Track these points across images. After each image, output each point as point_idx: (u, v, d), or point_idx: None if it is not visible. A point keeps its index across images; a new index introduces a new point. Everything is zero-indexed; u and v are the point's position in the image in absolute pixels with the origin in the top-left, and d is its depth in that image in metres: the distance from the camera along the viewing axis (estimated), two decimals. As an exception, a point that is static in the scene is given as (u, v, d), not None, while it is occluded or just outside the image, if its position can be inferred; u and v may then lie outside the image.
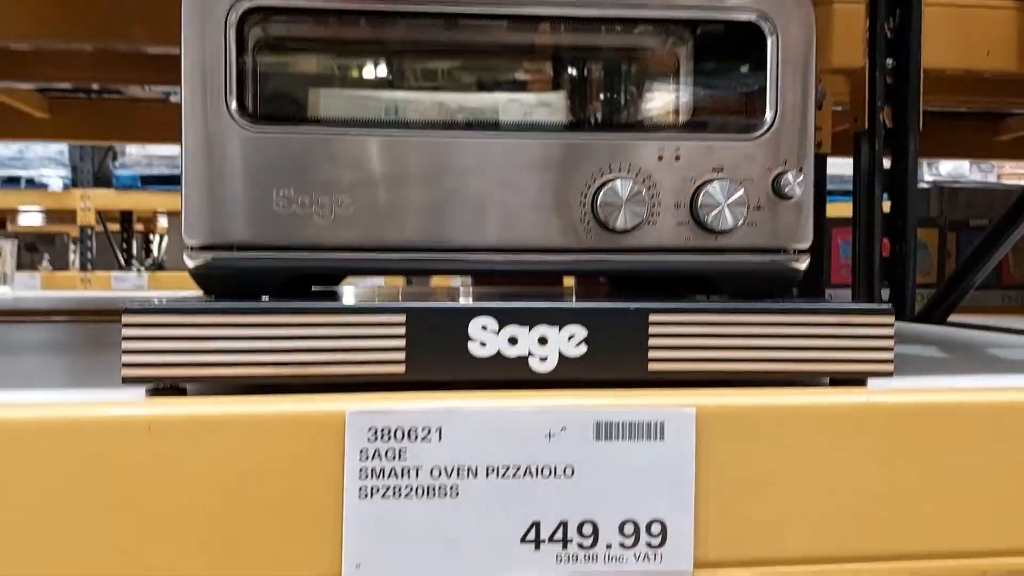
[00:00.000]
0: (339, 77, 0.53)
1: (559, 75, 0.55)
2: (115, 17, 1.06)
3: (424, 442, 0.42)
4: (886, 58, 1.19)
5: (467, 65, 0.54)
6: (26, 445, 0.40)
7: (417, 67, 0.53)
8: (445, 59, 0.54)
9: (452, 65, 0.54)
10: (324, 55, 0.53)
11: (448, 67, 0.54)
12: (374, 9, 0.51)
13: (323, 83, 0.53)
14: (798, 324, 0.48)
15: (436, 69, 0.54)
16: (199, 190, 0.50)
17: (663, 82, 0.55)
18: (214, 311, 0.44)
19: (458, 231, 0.51)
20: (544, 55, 0.55)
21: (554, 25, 0.54)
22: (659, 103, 0.55)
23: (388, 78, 0.53)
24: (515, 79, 0.54)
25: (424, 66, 0.53)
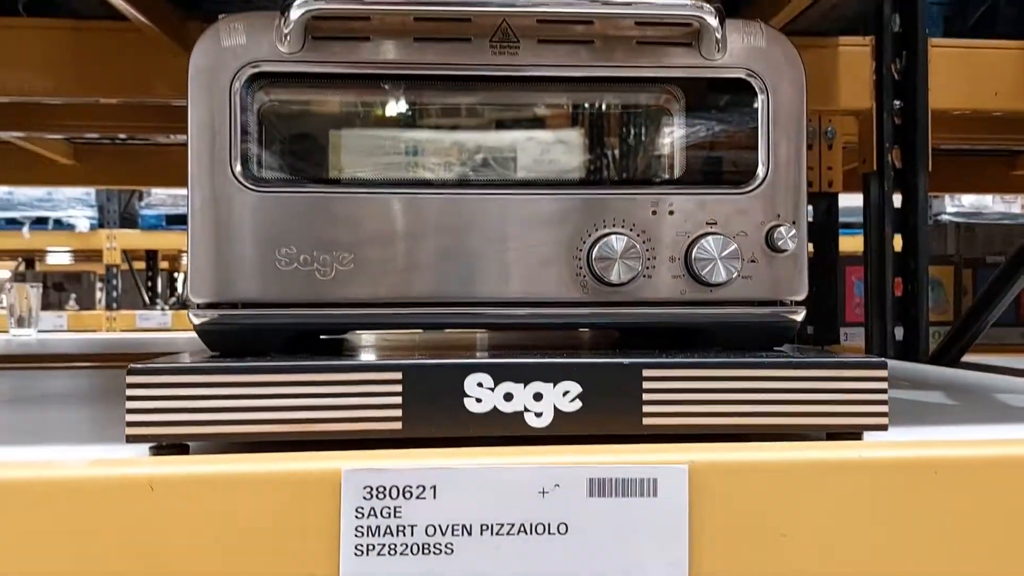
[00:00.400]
0: (339, 139, 0.54)
1: (554, 133, 0.56)
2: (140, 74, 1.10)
3: (419, 500, 0.43)
4: (893, 99, 1.20)
5: (464, 125, 0.55)
6: (30, 503, 0.41)
7: (414, 129, 0.55)
8: (443, 120, 0.55)
9: (450, 126, 0.55)
10: (325, 118, 0.55)
11: (446, 128, 0.55)
12: (373, 73, 0.53)
13: (323, 145, 0.55)
14: (792, 378, 0.48)
15: (433, 131, 0.55)
16: (204, 249, 0.51)
17: (657, 138, 0.56)
18: (216, 370, 0.46)
19: (456, 286, 0.52)
20: (540, 113, 0.56)
21: (550, 84, 0.55)
22: (653, 159, 0.57)
23: (387, 140, 0.55)
24: (511, 138, 0.56)
25: (421, 128, 0.55)
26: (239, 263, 0.51)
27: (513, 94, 0.55)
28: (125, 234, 4.10)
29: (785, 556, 0.44)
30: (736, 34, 0.54)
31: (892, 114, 1.19)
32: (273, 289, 0.52)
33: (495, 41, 0.53)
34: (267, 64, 0.52)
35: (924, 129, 1.18)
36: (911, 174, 1.19)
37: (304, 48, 0.52)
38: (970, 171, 2.08)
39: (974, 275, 1.60)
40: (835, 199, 1.43)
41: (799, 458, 0.45)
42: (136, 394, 0.45)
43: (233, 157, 0.51)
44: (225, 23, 0.52)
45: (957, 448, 0.46)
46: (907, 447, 0.46)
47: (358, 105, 0.55)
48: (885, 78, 1.19)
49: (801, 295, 0.55)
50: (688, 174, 0.55)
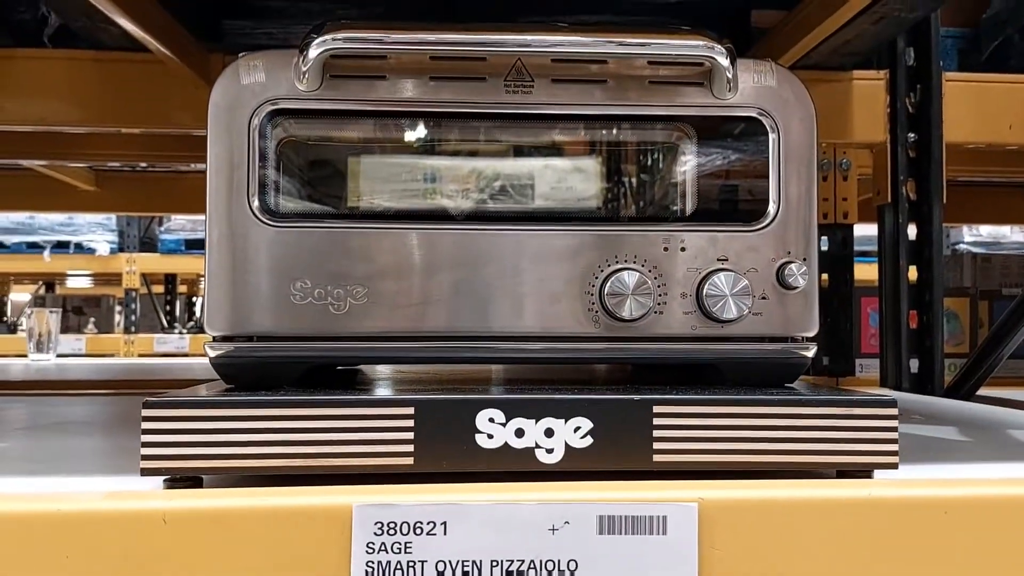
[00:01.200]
0: (355, 175, 0.55)
1: (568, 170, 0.57)
2: (162, 105, 1.12)
3: (429, 536, 0.43)
4: (908, 132, 1.21)
5: (478, 163, 0.56)
6: (45, 536, 0.41)
7: (429, 165, 0.56)
8: (458, 158, 0.56)
9: (464, 163, 0.56)
10: (341, 155, 0.56)
11: (460, 165, 0.56)
12: (389, 111, 0.54)
13: (339, 181, 0.55)
14: (802, 416, 0.48)
15: (448, 167, 0.56)
16: (221, 282, 0.52)
17: (669, 175, 0.57)
18: (229, 404, 0.46)
19: (469, 320, 0.53)
20: (553, 151, 0.57)
21: (563, 122, 0.56)
22: (665, 196, 0.57)
23: (402, 176, 0.56)
24: (525, 175, 0.56)
25: (435, 164, 0.56)
26: (255, 296, 0.52)
27: (527, 132, 0.56)
28: (144, 258, 4.14)
29: (795, 596, 0.44)
30: (747, 73, 0.55)
31: (906, 147, 1.20)
32: (288, 322, 0.52)
33: (510, 80, 0.54)
34: (285, 102, 0.53)
35: (938, 162, 1.18)
36: (926, 206, 1.19)
37: (322, 86, 0.53)
38: (987, 202, 2.08)
39: (990, 307, 1.59)
40: (850, 230, 1.43)
41: (809, 496, 0.45)
42: (151, 427, 0.45)
43: (251, 192, 0.52)
44: (245, 61, 0.53)
45: (967, 487, 0.46)
46: (917, 486, 0.46)
47: (374, 142, 0.56)
48: (899, 111, 1.19)
49: (812, 331, 0.55)
50: (700, 211, 0.56)
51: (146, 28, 0.91)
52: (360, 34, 0.51)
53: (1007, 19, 1.34)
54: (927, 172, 1.18)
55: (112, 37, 1.04)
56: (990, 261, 1.84)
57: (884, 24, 1.02)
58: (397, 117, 0.55)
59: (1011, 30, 1.33)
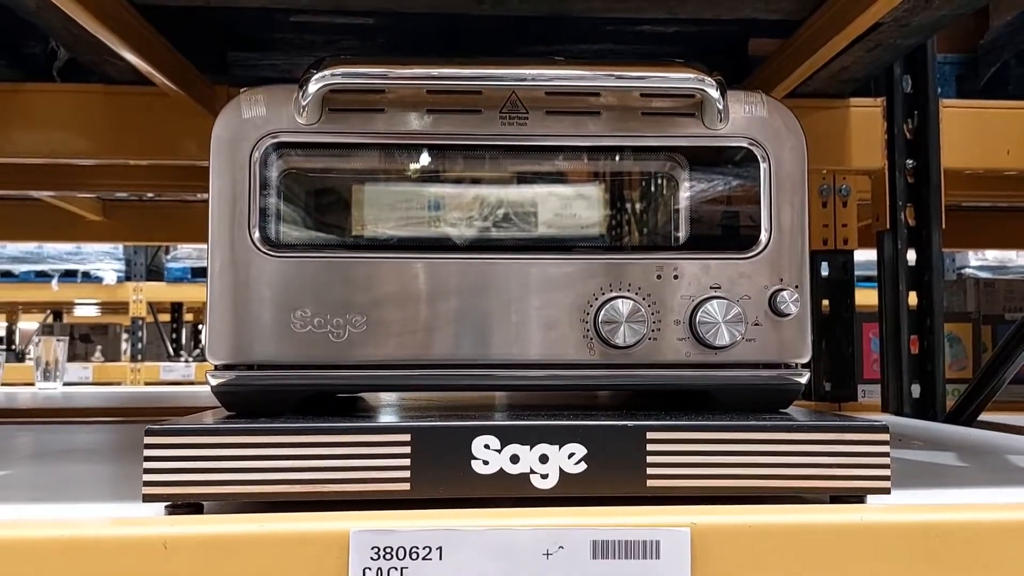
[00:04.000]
0: (354, 206, 0.57)
1: (562, 200, 0.58)
2: (169, 136, 1.15)
3: (425, 560, 0.44)
4: (906, 159, 1.22)
5: (474, 193, 0.57)
6: (47, 562, 0.42)
7: (426, 196, 0.57)
8: (454, 189, 0.57)
9: (461, 194, 0.57)
10: (340, 186, 0.57)
11: (456, 195, 0.57)
12: (387, 143, 0.55)
13: (339, 211, 0.57)
14: (795, 442, 0.49)
15: (444, 198, 0.57)
16: (222, 312, 0.53)
17: (662, 204, 0.58)
18: (230, 431, 0.47)
19: (465, 348, 0.54)
20: (548, 182, 0.58)
21: (558, 153, 0.57)
22: (658, 224, 0.58)
23: (400, 207, 0.57)
24: (520, 205, 0.58)
25: (433, 194, 0.57)
26: (256, 325, 0.53)
27: (522, 163, 0.57)
28: (151, 287, 4.17)
29: (788, 621, 0.44)
30: (738, 104, 0.56)
31: (904, 173, 1.21)
32: (288, 351, 0.53)
33: (505, 112, 0.55)
34: (286, 135, 0.54)
35: (937, 188, 1.19)
36: (925, 231, 1.20)
37: (322, 119, 0.54)
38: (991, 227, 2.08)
39: (993, 331, 1.59)
40: (850, 256, 1.43)
41: (801, 521, 0.46)
42: (153, 454, 0.46)
43: (252, 223, 0.53)
44: (246, 95, 0.55)
45: (960, 512, 0.46)
46: (909, 511, 0.46)
47: (373, 174, 0.57)
48: (897, 138, 1.20)
49: (805, 358, 0.56)
50: (693, 239, 0.57)
51: (152, 62, 0.93)
52: (358, 69, 0.52)
53: (1004, 45, 1.35)
54: (926, 198, 1.19)
55: (119, 71, 1.06)
56: (994, 286, 1.84)
57: (880, 51, 1.04)
58: (395, 149, 0.56)
59: (1008, 56, 1.35)
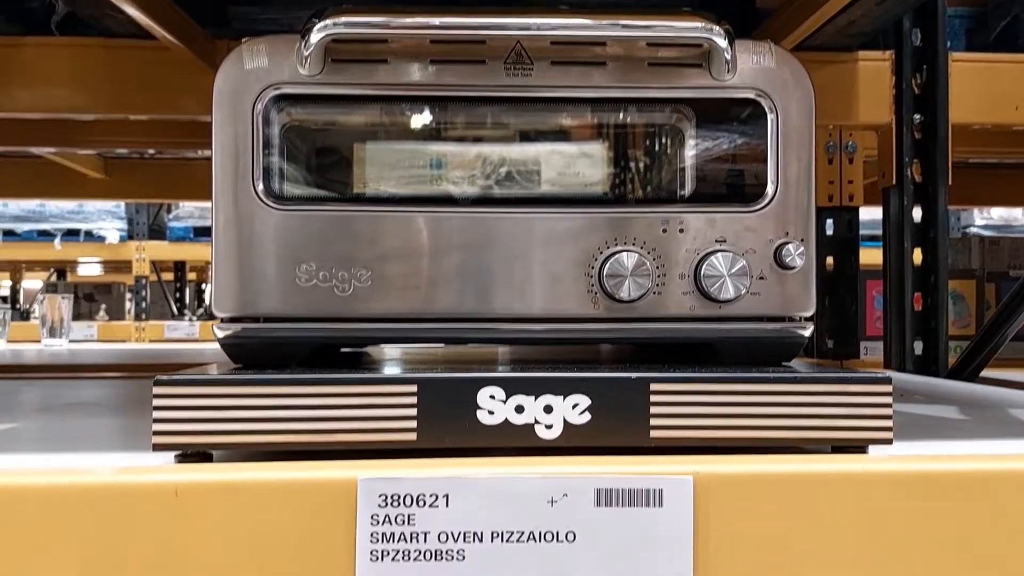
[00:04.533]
0: (358, 158, 0.56)
1: (567, 153, 0.57)
2: (169, 91, 1.14)
3: (432, 508, 0.44)
4: (913, 114, 1.21)
5: (479, 146, 0.57)
6: (59, 509, 0.43)
7: (431, 148, 0.57)
8: (459, 140, 0.57)
9: (465, 146, 0.57)
10: (344, 138, 0.56)
11: (461, 147, 0.57)
12: (391, 95, 0.55)
13: (343, 164, 0.56)
14: (797, 393, 0.49)
15: (449, 150, 0.57)
16: (228, 265, 0.53)
17: (668, 157, 0.58)
18: (238, 382, 0.47)
19: (470, 302, 0.54)
20: (553, 134, 0.58)
21: (563, 105, 0.56)
22: (663, 177, 0.58)
23: (404, 158, 0.57)
24: (525, 157, 0.57)
25: (437, 147, 0.57)
26: (261, 279, 0.53)
27: (527, 115, 0.57)
28: (154, 246, 4.17)
29: (788, 566, 0.45)
30: (745, 54, 0.56)
31: (912, 128, 1.20)
32: (294, 304, 0.53)
33: (509, 63, 0.55)
34: (288, 86, 0.54)
35: (944, 143, 1.18)
36: (931, 188, 1.19)
37: (324, 70, 0.54)
38: (997, 184, 2.07)
39: (997, 289, 1.59)
40: (855, 213, 1.43)
41: (803, 470, 0.46)
42: (162, 404, 0.47)
43: (255, 177, 0.53)
44: (248, 46, 0.54)
45: (960, 462, 0.46)
46: (910, 461, 0.47)
47: (376, 125, 0.56)
48: (905, 92, 1.19)
49: (809, 311, 0.56)
50: (698, 192, 0.56)
51: (152, 15, 0.92)
52: (360, 19, 0.52)
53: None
54: (932, 153, 1.18)
55: (119, 24, 1.05)
56: (999, 243, 1.84)
57: (889, 4, 1.02)
58: (398, 101, 0.55)
59: (1019, 9, 1.33)
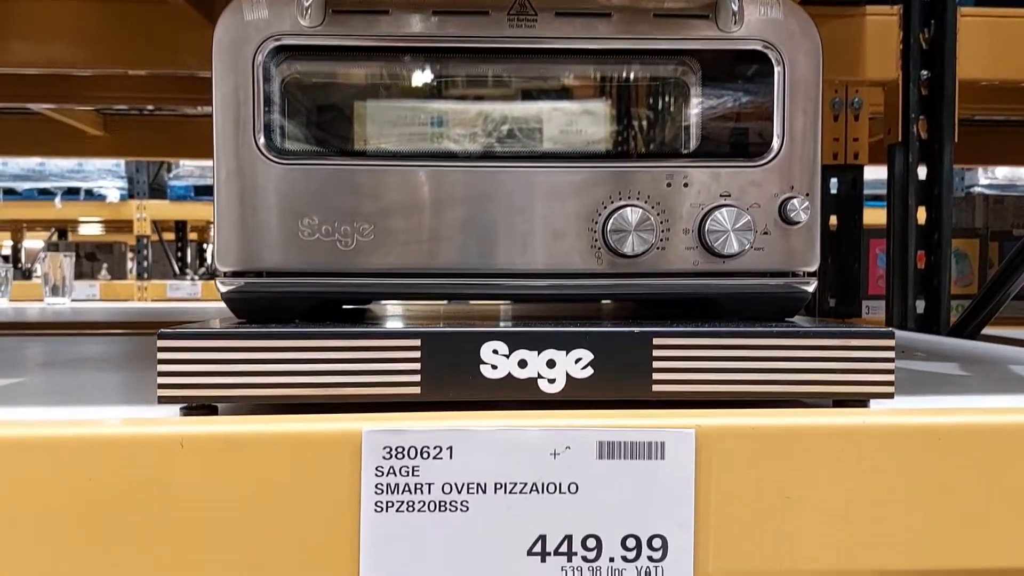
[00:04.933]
0: (359, 111, 0.56)
1: (570, 106, 0.57)
2: (167, 45, 1.13)
3: (436, 460, 0.45)
4: (920, 69, 1.19)
5: (482, 98, 0.56)
6: (68, 460, 0.43)
7: (433, 101, 0.56)
8: (461, 93, 0.56)
9: (468, 99, 0.56)
10: (346, 90, 0.56)
11: (464, 101, 0.56)
12: (392, 46, 0.54)
13: (344, 116, 0.56)
14: (799, 347, 0.49)
15: (452, 103, 0.56)
16: (230, 220, 0.53)
17: (673, 111, 0.57)
18: (242, 335, 0.48)
19: (473, 257, 0.54)
20: (556, 87, 0.57)
21: (567, 57, 0.56)
22: (668, 131, 0.57)
23: (406, 111, 0.56)
24: (529, 111, 0.57)
25: (440, 100, 0.56)
26: (263, 233, 0.53)
27: (530, 67, 0.56)
28: (155, 205, 4.16)
29: (789, 518, 0.46)
30: (753, 6, 0.55)
31: (919, 84, 1.18)
32: (296, 258, 0.53)
33: (513, 14, 0.54)
34: (289, 38, 0.53)
35: (951, 99, 1.17)
36: (937, 145, 1.18)
37: (325, 21, 0.53)
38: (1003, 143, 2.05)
39: (1001, 248, 1.58)
40: (860, 171, 1.42)
41: (804, 423, 0.46)
42: (167, 357, 0.47)
43: (256, 130, 0.53)
44: (249, -3, 0.53)
45: (960, 415, 0.47)
46: (911, 414, 0.47)
47: (378, 77, 0.56)
48: (912, 48, 1.17)
49: (813, 266, 0.56)
50: (703, 146, 0.56)
51: (150, -33, 0.90)
52: (363, -32, 0.51)
53: (1027, -48, 1.30)
54: (939, 110, 1.17)
55: (116, -24, 1.03)
56: (1003, 202, 1.83)
57: (898, -43, 1.00)
58: (400, 52, 0.55)
59: (1030, -36, 1.30)
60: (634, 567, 0.45)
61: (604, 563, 0.45)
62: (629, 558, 0.45)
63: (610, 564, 0.45)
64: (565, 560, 0.45)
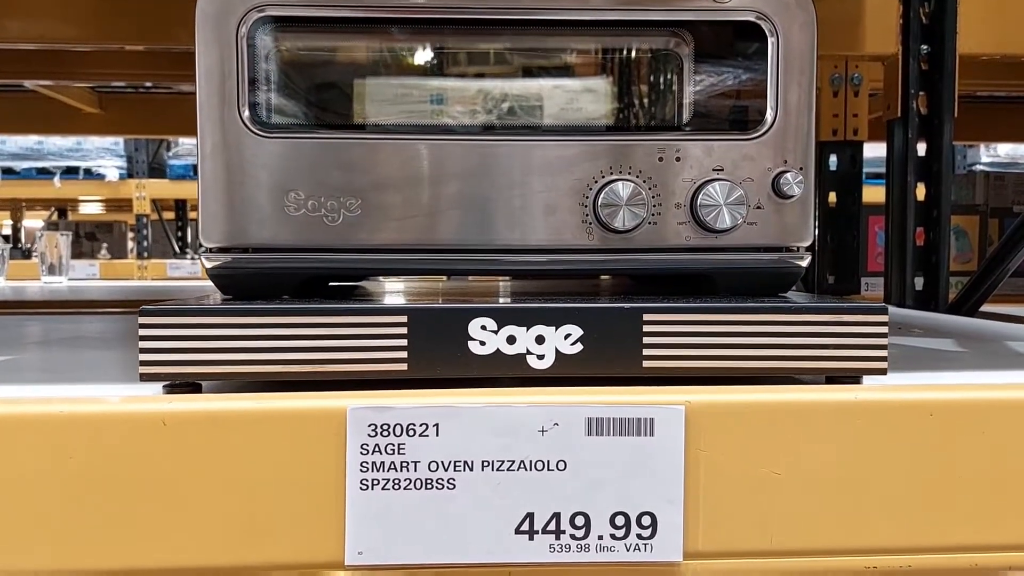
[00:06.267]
0: (346, 84, 0.55)
1: (562, 79, 0.56)
2: (162, 20, 1.11)
3: (422, 437, 0.44)
4: (920, 44, 1.18)
5: (470, 70, 0.55)
6: (49, 437, 0.43)
7: (420, 74, 0.55)
8: (449, 65, 0.55)
9: (457, 71, 0.55)
10: (332, 63, 0.55)
11: (452, 73, 0.55)
12: (378, 17, 0.53)
13: (331, 90, 0.55)
14: (791, 323, 0.49)
15: (439, 76, 0.55)
16: (215, 194, 0.52)
17: (665, 84, 0.56)
18: (225, 312, 0.47)
19: (460, 233, 0.53)
20: (547, 59, 0.56)
21: (559, 28, 0.55)
22: (660, 105, 0.56)
23: (391, 85, 0.55)
24: (518, 84, 0.56)
25: (426, 73, 0.55)
26: (249, 208, 0.52)
27: (521, 38, 0.55)
28: (154, 184, 4.14)
29: (779, 494, 0.45)
30: (747, -24, 0.54)
31: (918, 59, 1.17)
32: (283, 234, 0.53)
33: (502, -16, 0.53)
34: (273, 8, 0.52)
35: (951, 75, 1.15)
36: (937, 121, 1.17)
37: (311, -8, 0.52)
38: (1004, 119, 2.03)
39: (1000, 225, 1.57)
40: (859, 147, 1.41)
41: (795, 399, 0.46)
42: (148, 334, 0.46)
43: (241, 103, 0.52)
44: (232, -33, 0.52)
45: (952, 391, 0.46)
46: (903, 390, 0.46)
47: (365, 49, 0.55)
48: (912, 22, 1.16)
49: (807, 241, 0.55)
50: (695, 120, 0.55)
51: (138, -61, 0.89)
52: (347, -64, 0.50)
53: (1031, -75, 1.28)
54: (939, 85, 1.16)
55: (106, -49, 1.02)
56: (1003, 179, 1.82)
57: (899, -71, 0.99)
58: (387, 24, 0.54)
59: (1034, -64, 1.28)
60: (623, 544, 0.45)
61: (593, 540, 0.45)
62: (618, 536, 0.45)
63: (599, 542, 0.45)
64: (553, 538, 0.45)
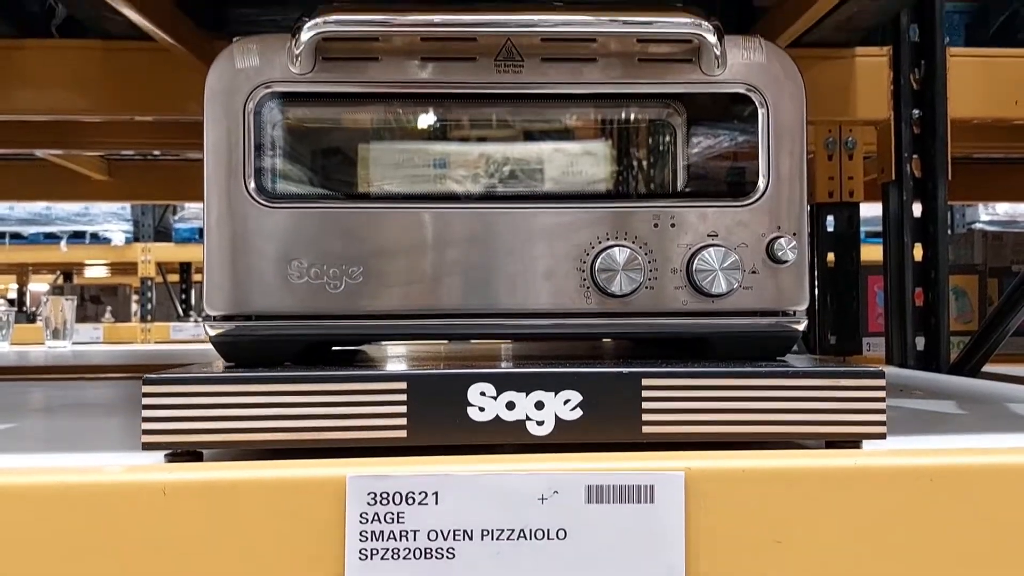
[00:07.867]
0: (348, 156, 0.56)
1: (558, 149, 0.57)
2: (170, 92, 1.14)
3: (421, 506, 0.44)
4: (912, 109, 1.20)
5: (470, 142, 0.57)
6: (48, 507, 0.43)
7: (421, 146, 0.57)
8: (449, 138, 0.57)
9: (457, 143, 0.57)
10: (334, 136, 0.56)
11: (452, 145, 0.57)
12: (381, 92, 0.55)
13: (333, 161, 0.56)
14: (790, 387, 0.49)
15: (439, 147, 0.57)
16: (219, 263, 0.53)
17: (659, 152, 0.57)
18: (227, 380, 0.47)
19: (458, 298, 0.54)
20: (543, 130, 0.57)
21: (554, 102, 0.56)
22: (655, 172, 0.58)
23: (394, 157, 0.57)
24: (516, 154, 0.57)
25: (428, 144, 0.57)
26: (252, 276, 0.53)
27: (518, 111, 0.56)
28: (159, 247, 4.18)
29: (780, 562, 0.45)
30: (736, 49, 0.55)
31: (910, 124, 1.19)
32: (286, 302, 0.53)
33: (500, 60, 0.55)
34: (279, 85, 0.54)
35: (943, 138, 1.18)
36: (931, 183, 1.19)
37: (315, 68, 0.54)
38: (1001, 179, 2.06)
39: (1000, 284, 1.58)
40: (856, 209, 1.42)
41: (795, 465, 0.46)
42: (151, 403, 0.47)
43: (247, 175, 0.53)
44: (239, 45, 0.54)
45: (953, 456, 0.46)
46: (903, 455, 0.46)
47: (367, 123, 0.56)
48: (903, 88, 1.19)
49: (803, 305, 0.56)
50: (690, 187, 0.56)
51: (151, 18, 0.92)
52: (350, 16, 0.52)
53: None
54: (932, 148, 1.18)
55: (118, 27, 1.05)
56: (1001, 239, 1.83)
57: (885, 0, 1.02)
58: (389, 98, 0.55)
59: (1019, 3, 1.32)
60: (624, 614, 0.45)
61: (593, 610, 0.44)
62: (619, 604, 0.45)
63: (600, 611, 0.44)
64: (554, 607, 0.44)
